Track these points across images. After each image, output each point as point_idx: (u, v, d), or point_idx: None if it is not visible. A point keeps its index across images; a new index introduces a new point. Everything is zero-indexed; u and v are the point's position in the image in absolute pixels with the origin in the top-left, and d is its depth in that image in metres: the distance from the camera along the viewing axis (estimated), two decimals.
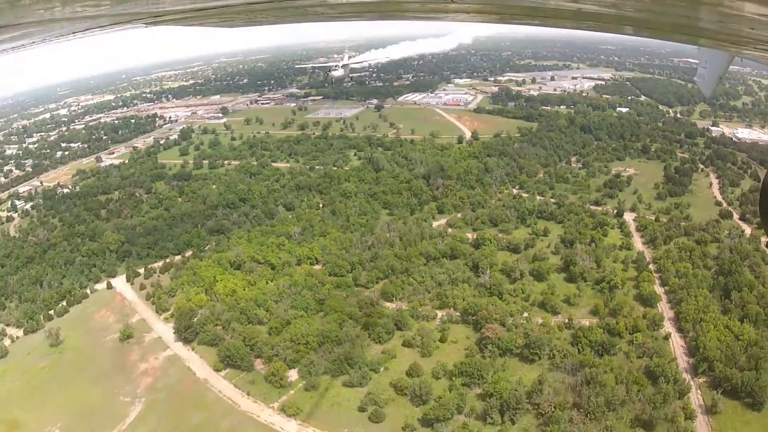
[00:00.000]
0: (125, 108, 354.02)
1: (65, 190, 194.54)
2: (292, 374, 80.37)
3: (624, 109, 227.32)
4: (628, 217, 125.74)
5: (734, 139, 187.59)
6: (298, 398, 75.66)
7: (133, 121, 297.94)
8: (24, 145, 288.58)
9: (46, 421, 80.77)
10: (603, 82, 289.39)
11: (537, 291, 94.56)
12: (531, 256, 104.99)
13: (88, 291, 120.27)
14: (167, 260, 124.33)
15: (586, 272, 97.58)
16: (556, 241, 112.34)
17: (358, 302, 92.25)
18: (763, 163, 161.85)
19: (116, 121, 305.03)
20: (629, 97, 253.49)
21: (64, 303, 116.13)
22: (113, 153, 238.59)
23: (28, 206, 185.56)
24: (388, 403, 71.88)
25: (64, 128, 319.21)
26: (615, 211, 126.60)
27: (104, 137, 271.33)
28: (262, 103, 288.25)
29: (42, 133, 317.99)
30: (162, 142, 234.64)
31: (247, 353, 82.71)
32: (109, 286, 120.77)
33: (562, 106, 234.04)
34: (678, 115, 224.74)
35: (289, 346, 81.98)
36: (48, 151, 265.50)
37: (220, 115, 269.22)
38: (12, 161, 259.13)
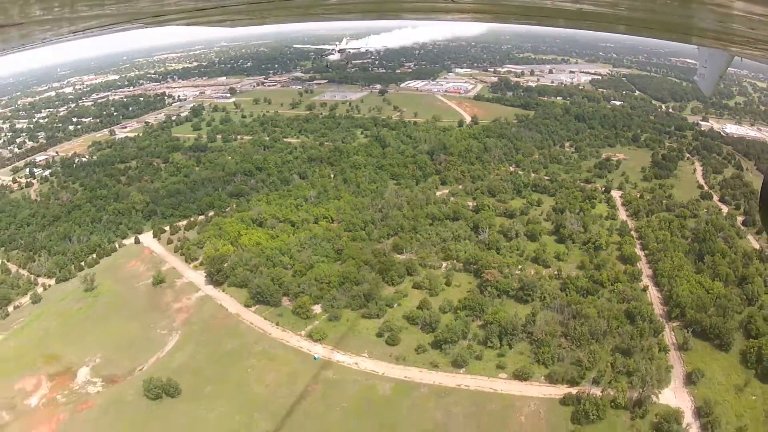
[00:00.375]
0: (131, 87, 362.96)
1: (83, 159, 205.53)
2: (316, 309, 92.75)
3: (618, 102, 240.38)
4: (615, 194, 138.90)
5: (722, 133, 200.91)
6: (322, 327, 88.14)
7: (141, 99, 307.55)
8: (34, 120, 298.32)
9: (86, 354, 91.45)
10: (599, 77, 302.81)
11: (530, 249, 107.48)
12: (525, 221, 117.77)
13: (116, 246, 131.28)
14: (191, 219, 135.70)
15: (575, 234, 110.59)
16: (548, 209, 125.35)
17: (372, 252, 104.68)
18: (747, 155, 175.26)
19: (125, 99, 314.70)
20: (624, 92, 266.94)
21: (94, 255, 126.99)
22: (126, 127, 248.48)
23: (46, 173, 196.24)
24: (402, 331, 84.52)
25: (73, 105, 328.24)
26: (603, 188, 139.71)
27: (115, 113, 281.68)
28: (269, 85, 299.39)
29: (51, 109, 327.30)
30: (174, 118, 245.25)
31: (276, 290, 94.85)
32: (137, 242, 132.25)
33: (558, 97, 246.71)
34: (670, 110, 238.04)
35: (313, 284, 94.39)
36: (60, 125, 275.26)
37: (228, 95, 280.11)
38: (24, 134, 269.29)
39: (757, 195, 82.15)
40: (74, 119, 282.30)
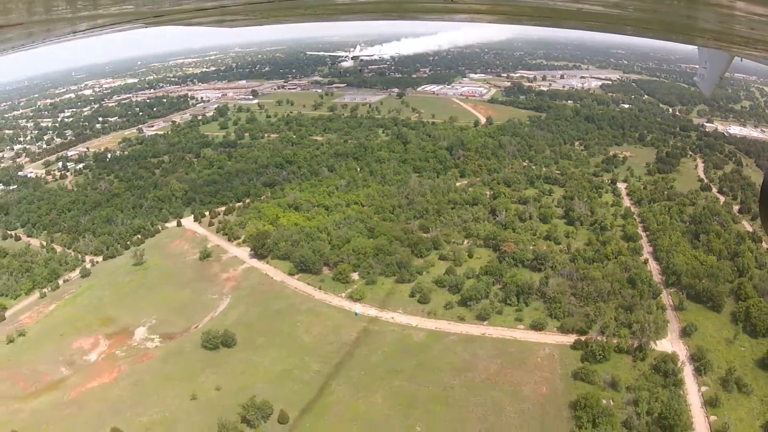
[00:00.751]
0: (152, 90, 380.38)
1: (116, 153, 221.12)
2: (354, 276, 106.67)
3: (626, 105, 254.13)
4: (621, 185, 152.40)
5: (726, 134, 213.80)
6: (360, 289, 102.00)
7: (164, 100, 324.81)
8: (58, 119, 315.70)
9: (141, 316, 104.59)
10: (610, 82, 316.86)
11: (542, 229, 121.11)
12: (538, 206, 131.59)
13: (159, 228, 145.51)
14: (228, 206, 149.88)
15: (583, 217, 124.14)
16: (558, 197, 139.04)
17: (401, 229, 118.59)
18: (748, 153, 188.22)
19: (148, 100, 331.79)
20: (632, 96, 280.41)
21: (139, 236, 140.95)
22: (153, 126, 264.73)
23: (79, 166, 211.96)
24: (431, 292, 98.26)
25: (96, 105, 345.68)
26: (609, 180, 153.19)
27: (140, 113, 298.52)
28: (289, 88, 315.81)
29: (74, 109, 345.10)
30: (199, 117, 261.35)
31: (317, 260, 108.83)
32: (179, 224, 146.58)
33: (569, 101, 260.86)
34: (677, 113, 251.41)
35: (351, 254, 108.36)
36: (86, 123, 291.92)
37: (251, 97, 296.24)
38: (50, 131, 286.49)
39: (757, 195, 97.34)
40: (100, 118, 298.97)
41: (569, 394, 74.25)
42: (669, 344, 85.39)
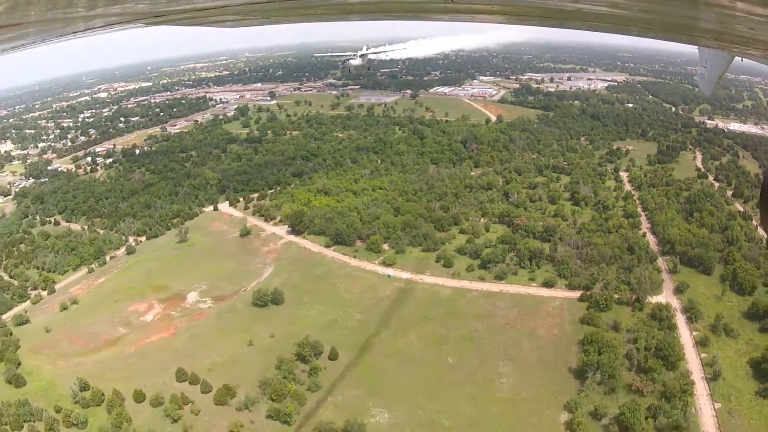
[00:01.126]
0: (168, 92, 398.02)
1: (144, 149, 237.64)
2: (385, 246, 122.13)
3: (630, 105, 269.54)
4: (623, 174, 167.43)
5: (725, 130, 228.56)
6: (391, 257, 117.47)
7: (183, 101, 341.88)
8: (79, 119, 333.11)
9: (191, 284, 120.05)
10: (615, 84, 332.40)
11: (551, 209, 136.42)
12: (547, 190, 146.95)
13: (197, 212, 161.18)
14: (261, 192, 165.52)
15: (587, 198, 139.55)
16: (565, 183, 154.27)
17: (424, 208, 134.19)
18: (745, 147, 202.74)
19: (166, 101, 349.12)
20: (637, 96, 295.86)
21: (178, 218, 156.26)
22: (175, 125, 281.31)
23: (108, 161, 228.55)
24: (454, 258, 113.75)
25: (115, 106, 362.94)
26: (612, 169, 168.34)
27: (161, 113, 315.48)
28: (305, 90, 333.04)
29: (92, 110, 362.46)
30: (221, 117, 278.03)
31: (351, 233, 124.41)
32: (215, 209, 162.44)
33: (576, 101, 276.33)
34: (680, 112, 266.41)
35: (381, 228, 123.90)
36: (109, 123, 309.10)
37: (269, 98, 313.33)
38: (73, 130, 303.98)
39: (751, 183, 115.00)
40: (122, 118, 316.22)
41: (577, 334, 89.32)
42: (663, 299, 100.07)
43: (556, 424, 71.95)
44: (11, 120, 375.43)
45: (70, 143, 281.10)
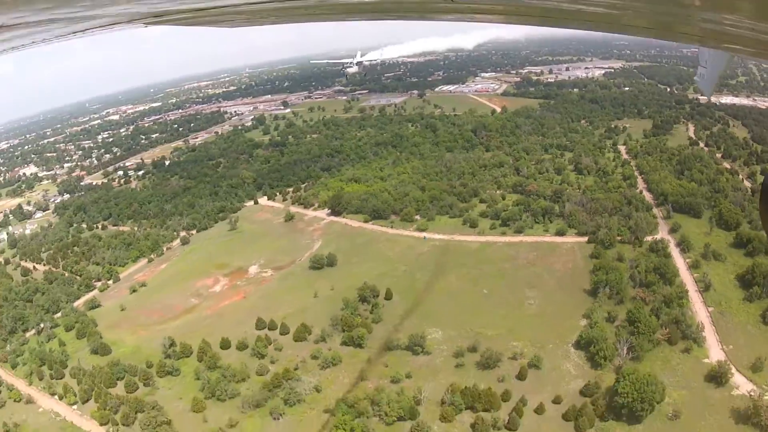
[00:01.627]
0: (180, 110, 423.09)
1: (174, 159, 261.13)
2: (416, 217, 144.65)
3: (627, 88, 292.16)
4: (621, 147, 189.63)
5: (717, 103, 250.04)
6: (424, 224, 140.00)
7: (198, 117, 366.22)
8: (99, 140, 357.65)
9: (250, 259, 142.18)
10: (612, 70, 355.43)
11: (557, 178, 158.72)
12: (553, 163, 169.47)
13: (239, 207, 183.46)
14: (294, 187, 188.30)
15: (589, 167, 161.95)
16: (569, 157, 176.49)
17: (447, 185, 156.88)
18: (736, 117, 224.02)
19: (181, 118, 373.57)
20: (633, 80, 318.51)
21: (222, 213, 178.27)
22: (197, 138, 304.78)
23: (139, 173, 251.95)
24: (478, 220, 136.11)
25: (131, 126, 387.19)
26: (611, 144, 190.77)
27: (180, 128, 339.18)
28: (316, 98, 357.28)
29: (109, 131, 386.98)
30: (240, 127, 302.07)
31: (386, 208, 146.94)
32: (256, 203, 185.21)
33: (575, 89, 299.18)
34: (674, 91, 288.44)
35: (411, 202, 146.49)
36: (130, 141, 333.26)
37: (282, 107, 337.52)
38: (95, 150, 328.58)
39: (738, 145, 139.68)
40: (141, 136, 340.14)
41: (588, 266, 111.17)
42: (659, 237, 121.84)
43: (577, 327, 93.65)
44: (27, 147, 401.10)
45: (96, 161, 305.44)
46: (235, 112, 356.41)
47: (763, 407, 72.17)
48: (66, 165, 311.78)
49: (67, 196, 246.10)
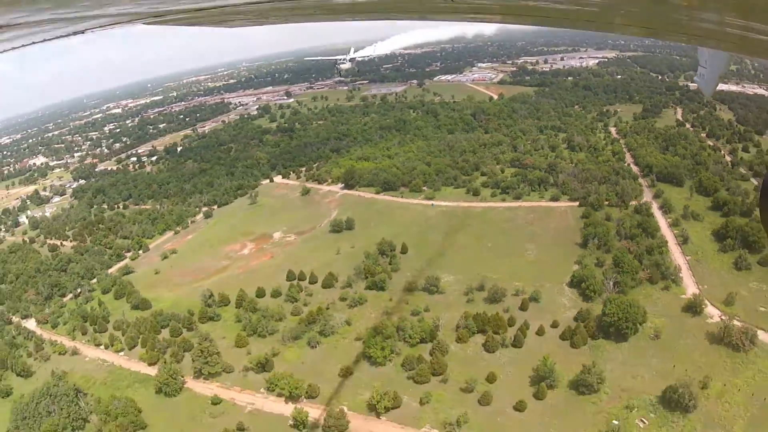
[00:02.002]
0: (183, 102, 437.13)
1: (185, 146, 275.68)
2: (424, 188, 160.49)
3: (619, 77, 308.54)
4: (612, 129, 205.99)
5: None
6: (430, 193, 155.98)
7: (203, 108, 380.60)
8: (105, 130, 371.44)
9: (273, 227, 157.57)
10: (606, 60, 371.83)
11: (551, 155, 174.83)
12: (548, 141, 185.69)
13: (256, 184, 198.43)
14: (307, 166, 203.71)
15: (580, 145, 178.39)
16: (562, 137, 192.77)
17: (450, 160, 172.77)
18: (723, 101, 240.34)
19: (186, 109, 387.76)
20: (626, 69, 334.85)
21: (240, 191, 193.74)
22: (205, 126, 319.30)
23: (152, 159, 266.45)
24: (480, 189, 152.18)
25: (136, 118, 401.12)
26: (602, 125, 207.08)
27: (186, 119, 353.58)
28: (318, 88, 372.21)
29: (114, 123, 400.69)
30: (246, 116, 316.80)
31: (396, 181, 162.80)
32: (272, 180, 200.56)
33: (569, 77, 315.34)
34: (666, 79, 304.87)
35: (419, 175, 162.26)
36: (138, 131, 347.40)
37: (285, 97, 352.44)
38: (104, 140, 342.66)
39: (724, 126, 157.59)
40: (149, 126, 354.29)
41: (579, 225, 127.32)
42: (643, 201, 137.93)
43: (570, 271, 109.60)
44: (31, 140, 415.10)
45: (106, 150, 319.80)
46: (239, 102, 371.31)
47: (734, 329, 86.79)
48: (76, 154, 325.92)
49: (82, 181, 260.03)
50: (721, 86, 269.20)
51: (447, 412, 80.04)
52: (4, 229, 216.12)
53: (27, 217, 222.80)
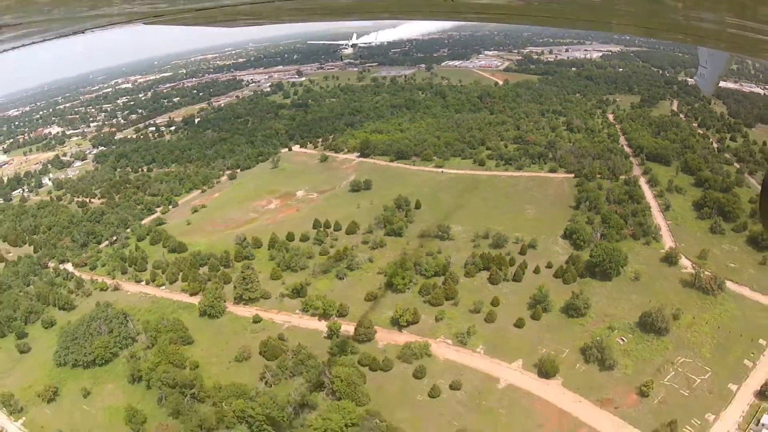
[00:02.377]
0: (195, 78, 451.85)
1: (205, 118, 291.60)
2: (434, 158, 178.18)
3: (621, 69, 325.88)
4: (609, 116, 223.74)
5: None
6: (440, 162, 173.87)
7: (216, 84, 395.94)
8: (119, 103, 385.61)
9: (296, 187, 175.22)
10: (610, 53, 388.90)
11: (552, 134, 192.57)
12: (549, 123, 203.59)
13: (276, 152, 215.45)
14: (324, 137, 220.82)
15: (579, 127, 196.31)
16: (562, 120, 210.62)
17: (458, 135, 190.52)
18: (719, 97, 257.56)
19: (199, 85, 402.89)
20: (628, 62, 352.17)
21: (263, 157, 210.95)
22: (219, 101, 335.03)
23: (171, 129, 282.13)
24: (485, 160, 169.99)
25: (149, 92, 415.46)
26: (600, 112, 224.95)
27: (199, 93, 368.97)
28: (328, 68, 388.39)
29: (127, 96, 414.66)
30: (259, 92, 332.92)
31: (408, 151, 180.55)
32: (290, 149, 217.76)
33: (572, 68, 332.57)
34: (666, 74, 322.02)
35: (429, 146, 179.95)
36: (153, 103, 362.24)
37: (297, 76, 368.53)
38: (119, 112, 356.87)
39: (715, 117, 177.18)
40: (163, 99, 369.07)
41: (573, 192, 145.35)
42: (632, 175, 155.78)
43: (564, 226, 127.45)
44: (42, 112, 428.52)
45: (123, 120, 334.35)
46: (252, 79, 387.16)
47: (705, 276, 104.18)
48: (92, 124, 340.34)
49: (102, 148, 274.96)
50: (720, 84, 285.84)
51: (458, 326, 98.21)
52: (27, 189, 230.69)
53: (50, 179, 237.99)
